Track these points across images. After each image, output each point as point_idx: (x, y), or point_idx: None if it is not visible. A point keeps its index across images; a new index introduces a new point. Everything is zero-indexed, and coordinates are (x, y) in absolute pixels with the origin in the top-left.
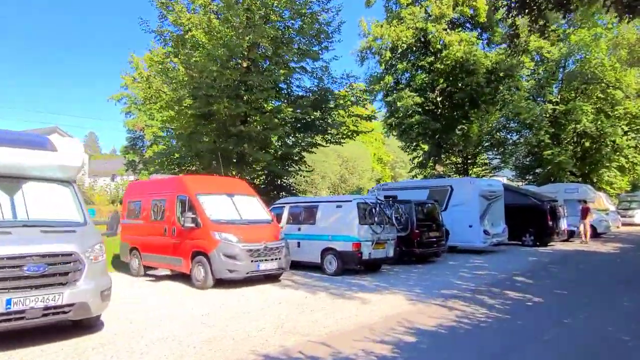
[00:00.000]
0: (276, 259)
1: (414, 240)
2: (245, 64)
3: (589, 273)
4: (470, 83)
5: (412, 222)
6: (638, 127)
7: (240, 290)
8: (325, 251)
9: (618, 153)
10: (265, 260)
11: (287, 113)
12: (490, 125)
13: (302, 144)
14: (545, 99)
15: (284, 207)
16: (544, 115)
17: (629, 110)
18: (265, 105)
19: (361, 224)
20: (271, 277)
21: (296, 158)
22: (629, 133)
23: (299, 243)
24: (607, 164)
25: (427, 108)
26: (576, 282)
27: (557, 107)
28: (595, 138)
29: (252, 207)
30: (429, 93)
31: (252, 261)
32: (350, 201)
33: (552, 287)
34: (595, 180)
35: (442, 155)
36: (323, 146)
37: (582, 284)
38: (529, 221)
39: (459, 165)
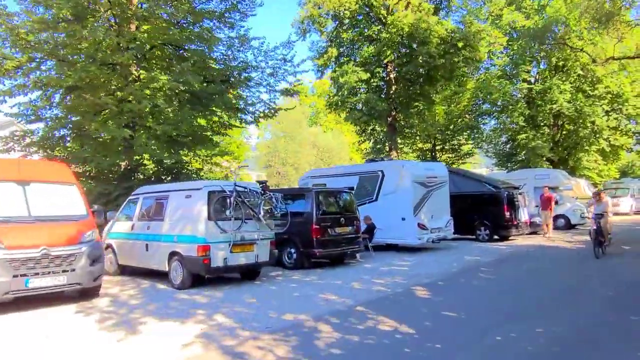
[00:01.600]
0: (65, 271)
1: (313, 239)
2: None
3: (524, 279)
4: (422, 54)
5: (312, 216)
6: (620, 106)
7: None
8: (172, 256)
9: (598, 135)
10: (44, 273)
11: (162, 82)
12: (460, 107)
13: (194, 121)
14: (520, 77)
15: (138, 199)
16: (519, 95)
17: (610, 89)
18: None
19: (213, 219)
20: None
21: (187, 139)
22: (610, 113)
23: (147, 245)
24: (587, 148)
25: (374, 84)
26: (496, 294)
27: (533, 86)
28: (574, 119)
29: (60, 200)
30: (376, 67)
31: (15, 275)
32: (200, 189)
33: (451, 305)
34: (572, 165)
35: (401, 140)
36: (237, 127)
37: (500, 298)
38: (483, 212)
39: (426, 152)
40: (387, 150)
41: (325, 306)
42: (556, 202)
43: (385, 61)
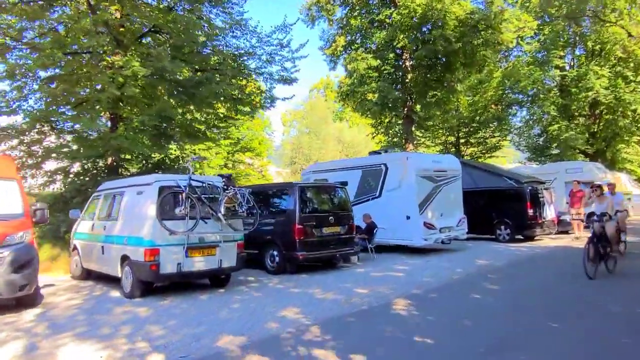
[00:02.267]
0: None
1: (296, 240)
2: None
3: (531, 293)
4: (437, 38)
5: (294, 214)
6: None
7: None
8: (123, 260)
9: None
10: None
11: (134, 67)
12: (487, 97)
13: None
14: (552, 64)
15: (100, 196)
16: (552, 83)
17: None
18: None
19: (165, 218)
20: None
21: (175, 132)
22: None
23: (102, 248)
24: (627, 138)
25: (386, 72)
26: (488, 313)
27: (567, 72)
28: (612, 107)
29: None
30: (387, 53)
31: None
32: (151, 184)
33: (427, 328)
34: (610, 158)
35: (421, 133)
36: (233, 119)
37: (491, 320)
38: (504, 210)
39: (449, 146)
40: (404, 143)
41: (271, 328)
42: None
43: (398, 46)
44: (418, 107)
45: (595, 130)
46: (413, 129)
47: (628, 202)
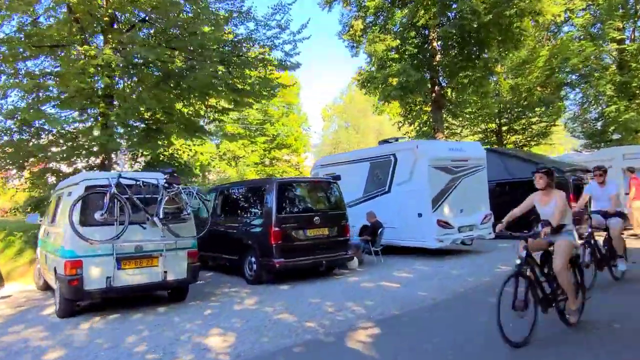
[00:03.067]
0: None
1: (272, 246)
2: None
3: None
4: (463, 10)
5: (270, 216)
6: None
7: None
8: (55, 273)
9: None
10: None
11: (105, 55)
12: (532, 78)
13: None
14: (608, 37)
15: (53, 198)
16: (608, 59)
17: None
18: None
19: (90, 223)
20: None
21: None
22: None
23: (46, 257)
24: None
25: (408, 53)
26: (476, 343)
27: (626, 46)
28: None
29: None
30: (409, 33)
31: None
32: (77, 184)
33: None
34: None
35: (456, 121)
36: (231, 110)
37: (470, 354)
38: None
39: (490, 134)
40: (433, 132)
41: None
42: None
43: (419, 24)
44: (449, 91)
45: None
46: (444, 116)
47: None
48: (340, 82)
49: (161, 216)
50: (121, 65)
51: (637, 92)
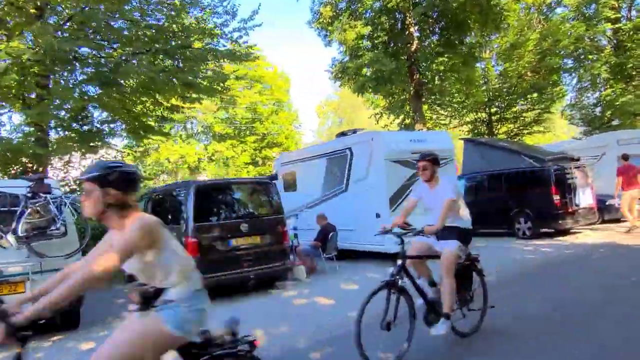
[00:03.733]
0: None
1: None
2: None
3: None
4: None
5: (187, 225)
6: None
7: None
8: None
9: None
10: None
11: (9, 49)
12: (523, 63)
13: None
14: (602, 16)
15: None
16: (604, 40)
17: None
18: None
19: None
20: None
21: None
22: None
23: None
24: None
25: (380, 41)
26: None
27: (621, 25)
28: None
29: None
30: (381, 18)
31: None
32: None
33: None
34: None
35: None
36: (180, 107)
37: None
38: (523, 197)
39: (479, 124)
40: (414, 122)
41: None
42: None
43: (390, 5)
44: (429, 79)
45: None
46: (430, 106)
47: None
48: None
49: (20, 233)
50: (40, 60)
51: (634, 73)
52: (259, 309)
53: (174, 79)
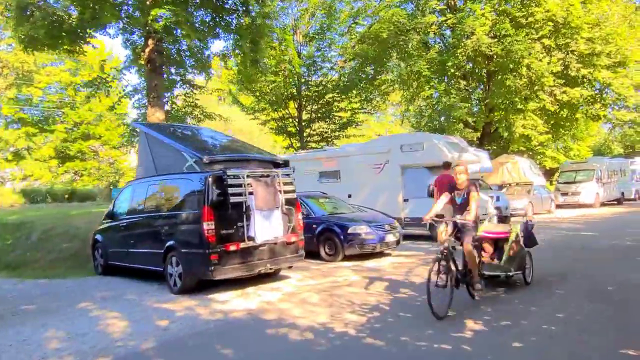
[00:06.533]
0: None
1: None
2: None
3: None
4: None
5: None
6: (567, 39)
7: None
8: None
9: (537, 86)
10: None
11: None
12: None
13: None
14: (428, 7)
15: None
16: (429, 32)
17: (551, 13)
18: None
19: None
20: None
21: None
22: (552, 52)
23: None
24: (521, 107)
25: None
26: None
27: (446, 17)
28: (502, 63)
29: None
30: None
31: None
32: None
33: None
34: (504, 134)
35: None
36: None
37: None
38: (170, 228)
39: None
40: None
41: None
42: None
43: None
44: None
45: (484, 96)
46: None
47: (527, 195)
48: None
49: None
50: None
51: (454, 71)
52: None
53: None
